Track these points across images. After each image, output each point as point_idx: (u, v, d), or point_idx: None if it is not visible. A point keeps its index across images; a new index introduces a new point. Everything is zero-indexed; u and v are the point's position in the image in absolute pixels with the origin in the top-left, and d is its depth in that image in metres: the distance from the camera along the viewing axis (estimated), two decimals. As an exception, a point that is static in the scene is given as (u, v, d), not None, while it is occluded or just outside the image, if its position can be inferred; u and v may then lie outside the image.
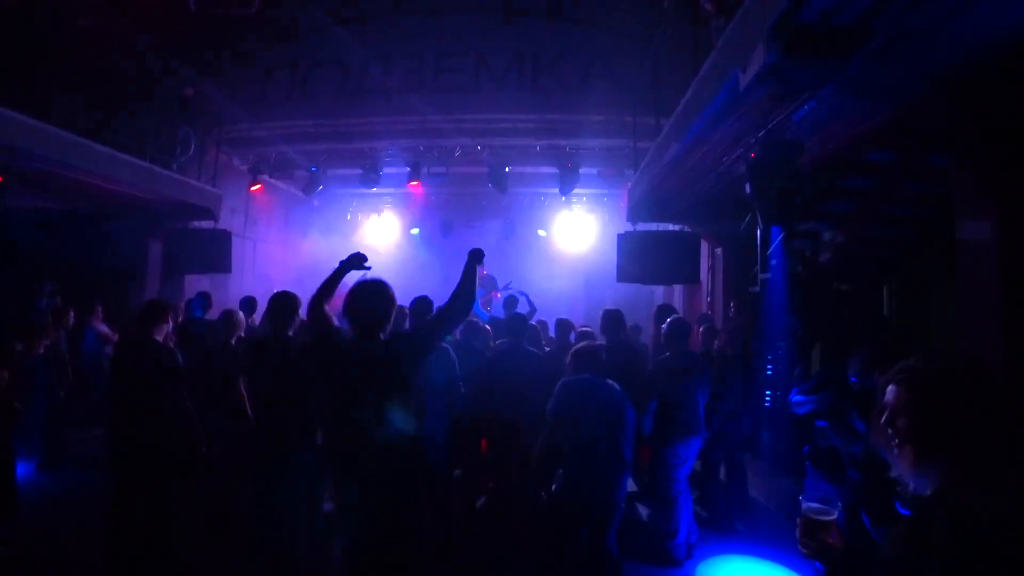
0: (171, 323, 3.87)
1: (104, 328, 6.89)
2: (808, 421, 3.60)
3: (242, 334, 4.78)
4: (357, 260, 2.95)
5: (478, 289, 9.39)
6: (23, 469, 5.04)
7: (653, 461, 4.42)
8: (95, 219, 6.61)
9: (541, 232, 12.30)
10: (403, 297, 11.29)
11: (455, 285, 2.80)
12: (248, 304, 5.78)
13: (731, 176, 4.97)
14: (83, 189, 5.93)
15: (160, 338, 3.63)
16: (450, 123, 8.34)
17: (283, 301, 3.65)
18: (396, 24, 8.29)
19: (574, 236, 11.70)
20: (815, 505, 1.46)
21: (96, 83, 5.67)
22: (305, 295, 2.96)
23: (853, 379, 3.33)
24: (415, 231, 12.86)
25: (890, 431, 1.26)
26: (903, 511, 1.87)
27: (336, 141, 8.79)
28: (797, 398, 3.57)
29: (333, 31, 8.22)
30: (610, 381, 3.33)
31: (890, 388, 1.29)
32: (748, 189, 3.81)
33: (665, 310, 5.43)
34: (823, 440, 3.46)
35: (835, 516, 1.46)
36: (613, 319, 4.86)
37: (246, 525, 3.67)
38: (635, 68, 7.50)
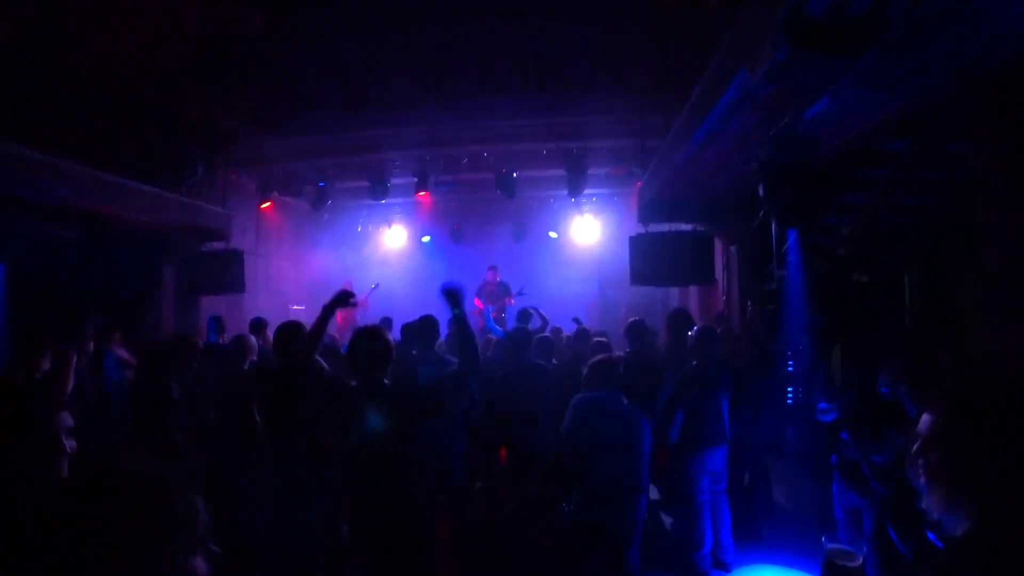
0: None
1: (124, 353, 6.95)
2: (835, 429, 3.47)
3: (255, 358, 4.78)
4: (342, 299, 2.94)
5: (492, 299, 9.29)
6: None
7: (673, 466, 4.32)
8: (108, 245, 6.65)
9: (552, 234, 12.21)
10: (416, 307, 11.22)
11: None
12: (258, 326, 5.76)
13: (743, 173, 4.83)
14: (93, 218, 5.98)
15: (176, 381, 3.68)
16: (456, 131, 8.29)
17: (287, 332, 3.64)
18: (397, 33, 8.25)
19: (586, 237, 11.58)
20: (839, 548, 1.37)
21: (101, 111, 5.70)
22: (318, 308, 2.93)
23: (884, 389, 3.20)
24: (426, 239, 12.84)
25: (921, 463, 1.16)
26: (932, 537, 1.76)
27: (343, 155, 8.79)
28: (823, 405, 3.45)
29: (335, 44, 8.21)
30: (625, 400, 3.23)
31: (925, 417, 1.20)
32: (761, 190, 3.68)
33: (678, 315, 5.30)
34: (848, 451, 3.33)
35: (860, 562, 1.36)
36: (635, 330, 4.78)
37: (262, 550, 3.65)
38: (641, 65, 7.38)
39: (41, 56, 4.91)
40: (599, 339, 5.34)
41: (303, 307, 11.37)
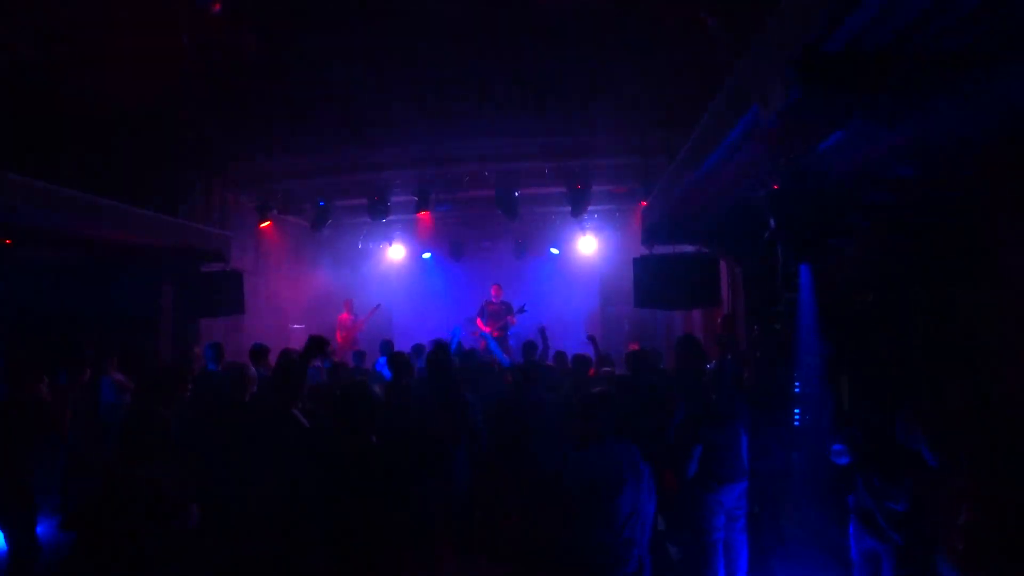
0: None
1: (121, 377, 6.84)
2: (850, 469, 3.37)
3: (254, 390, 4.67)
4: (316, 347, 2.88)
5: (494, 318, 9.17)
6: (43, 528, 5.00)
7: (686, 501, 4.21)
8: (106, 268, 6.56)
9: (554, 250, 12.12)
10: (416, 323, 11.12)
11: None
12: (259, 353, 5.65)
13: (750, 199, 4.75)
14: (90, 243, 5.90)
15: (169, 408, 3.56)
16: (456, 150, 8.24)
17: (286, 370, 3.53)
18: (396, 53, 8.20)
19: (587, 253, 11.51)
20: None
21: (97, 135, 5.64)
22: (318, 326, 2.85)
23: (899, 437, 3.10)
24: (426, 255, 12.77)
25: (950, 550, 1.07)
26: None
27: (342, 174, 8.72)
28: (837, 447, 3.34)
29: (332, 65, 8.16)
30: (627, 455, 2.98)
31: (965, 510, 1.10)
32: (772, 223, 3.59)
33: (688, 342, 5.19)
34: (865, 496, 3.23)
35: None
36: (637, 360, 4.68)
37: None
38: (641, 84, 7.32)
39: (36, 83, 4.84)
40: (605, 369, 5.22)
41: (302, 326, 11.27)
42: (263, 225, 9.09)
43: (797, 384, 5.67)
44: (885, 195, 4.56)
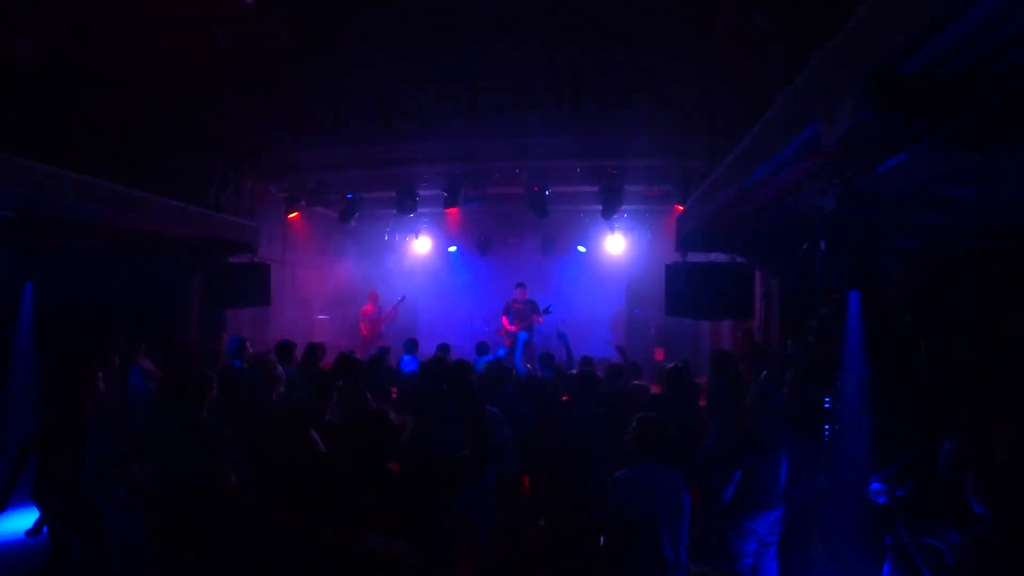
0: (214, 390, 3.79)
1: (149, 364, 6.93)
2: (889, 511, 3.16)
3: (283, 390, 4.64)
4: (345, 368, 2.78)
5: (519, 317, 9.03)
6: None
7: (719, 524, 4.07)
8: (135, 259, 6.62)
9: (581, 248, 11.92)
10: (442, 317, 11.08)
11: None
12: (285, 350, 5.62)
13: (795, 214, 4.52)
14: (120, 233, 5.93)
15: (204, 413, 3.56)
16: (487, 147, 8.08)
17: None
18: (431, 47, 8.07)
19: (615, 253, 11.29)
20: None
21: (130, 127, 5.65)
22: (342, 317, 2.76)
23: (941, 465, 2.90)
24: (453, 249, 12.69)
25: None
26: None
27: (371, 167, 8.65)
28: (876, 486, 3.14)
29: (365, 56, 8.07)
30: (673, 482, 2.95)
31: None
32: (823, 245, 3.37)
33: (723, 358, 5.01)
34: (903, 538, 3.02)
35: None
36: (678, 379, 4.52)
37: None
38: (683, 85, 7.06)
39: (70, 76, 4.85)
40: (638, 383, 5.05)
41: (327, 317, 11.33)
42: (291, 216, 9.10)
43: (827, 400, 5.44)
44: (938, 216, 4.28)
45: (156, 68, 5.42)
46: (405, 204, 8.93)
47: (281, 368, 4.79)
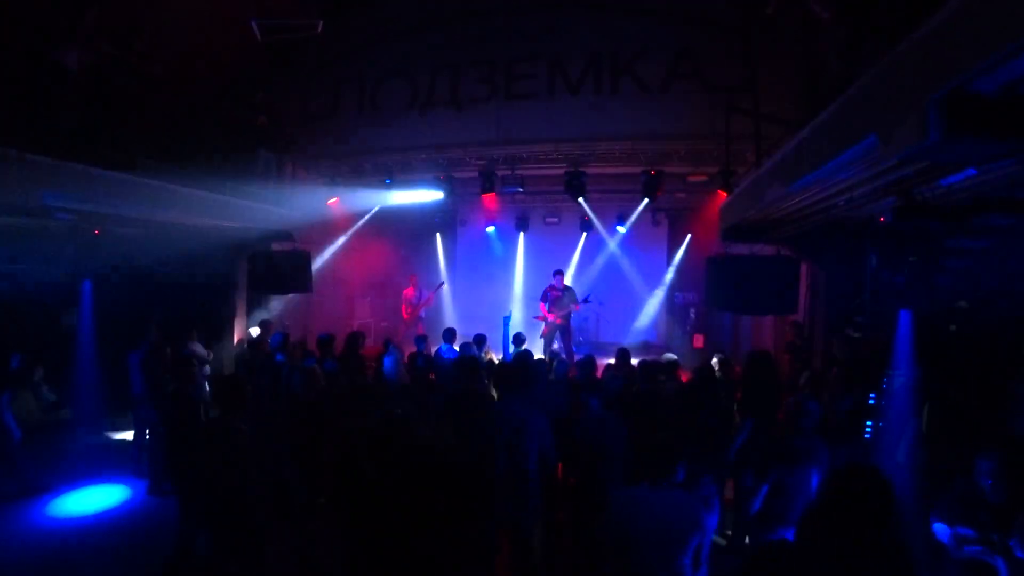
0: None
1: (201, 349, 7.25)
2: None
3: (322, 383, 4.78)
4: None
5: (557, 305, 8.93)
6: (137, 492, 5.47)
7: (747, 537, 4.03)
8: (183, 250, 6.85)
9: (620, 229, 11.67)
10: (479, 300, 11.06)
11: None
12: (325, 344, 5.77)
13: (844, 216, 4.28)
14: (169, 227, 6.13)
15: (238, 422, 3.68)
16: (524, 130, 7.93)
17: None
18: (464, 29, 7.90)
19: (656, 235, 11.03)
20: None
21: (171, 125, 5.77)
22: (382, 300, 2.71)
23: (986, 480, 2.76)
24: (491, 229, 12.65)
25: None
26: None
27: (408, 153, 8.63)
28: (940, 526, 2.98)
29: (399, 41, 7.97)
30: (689, 506, 2.85)
31: None
32: (873, 261, 3.18)
33: (761, 362, 4.85)
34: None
35: None
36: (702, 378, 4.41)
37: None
38: (727, 66, 6.71)
39: (115, 79, 4.96)
40: (669, 357, 4.89)
41: (367, 299, 11.54)
42: (331, 201, 9.21)
43: (872, 396, 5.24)
44: (1002, 218, 3.97)
45: (195, 65, 5.49)
46: (443, 187, 8.90)
47: (319, 369, 4.90)
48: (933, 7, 2.15)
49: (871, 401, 5.25)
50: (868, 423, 5.25)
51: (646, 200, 8.67)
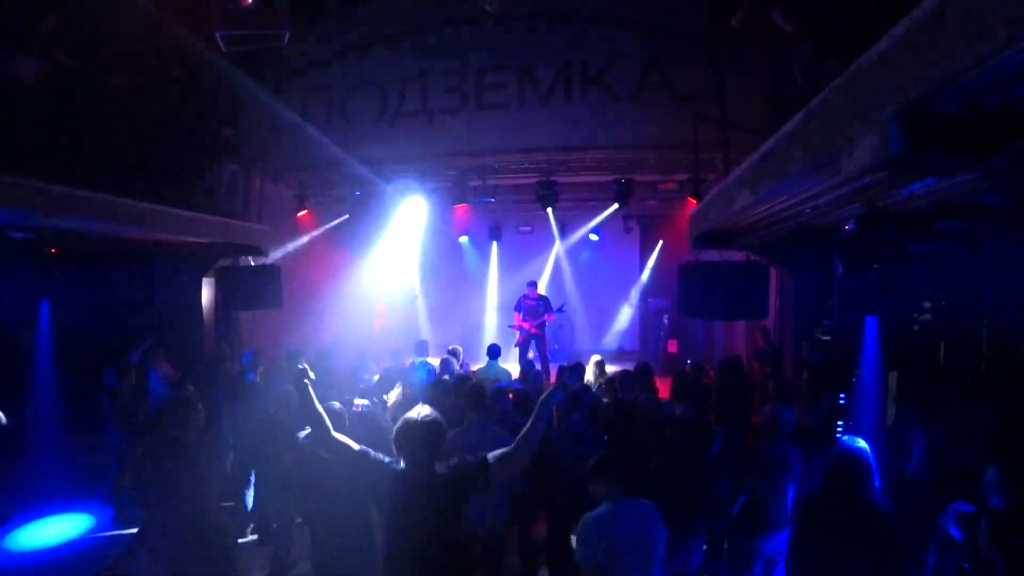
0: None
1: (167, 368, 7.02)
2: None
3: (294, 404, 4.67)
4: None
5: (531, 314, 8.88)
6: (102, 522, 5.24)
7: (724, 544, 4.06)
8: (147, 268, 6.65)
9: (593, 236, 11.78)
10: (453, 311, 11.01)
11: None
12: (294, 360, 5.63)
13: (811, 223, 4.39)
14: (131, 245, 5.93)
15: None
16: (495, 140, 7.94)
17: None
18: (434, 39, 7.88)
19: (628, 242, 11.15)
20: None
21: (133, 138, 5.59)
22: (354, 314, 2.66)
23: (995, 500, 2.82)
24: (464, 239, 12.61)
25: None
26: None
27: (378, 164, 8.54)
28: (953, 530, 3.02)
29: (368, 52, 7.91)
30: (645, 516, 2.89)
31: None
32: (839, 269, 3.25)
33: (732, 367, 4.93)
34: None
35: None
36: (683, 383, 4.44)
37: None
38: (695, 76, 6.84)
39: (73, 91, 4.78)
40: (646, 398, 4.89)
41: (338, 312, 11.37)
42: (300, 214, 9.06)
43: (842, 397, 5.36)
44: (962, 223, 4.12)
45: (158, 76, 5.33)
46: (415, 199, 8.85)
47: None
48: (894, 23, 2.22)
49: (841, 402, 5.39)
50: (839, 423, 5.38)
51: (615, 205, 8.73)
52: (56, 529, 5.20)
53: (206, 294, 7.77)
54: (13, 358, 5.96)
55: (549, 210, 9.27)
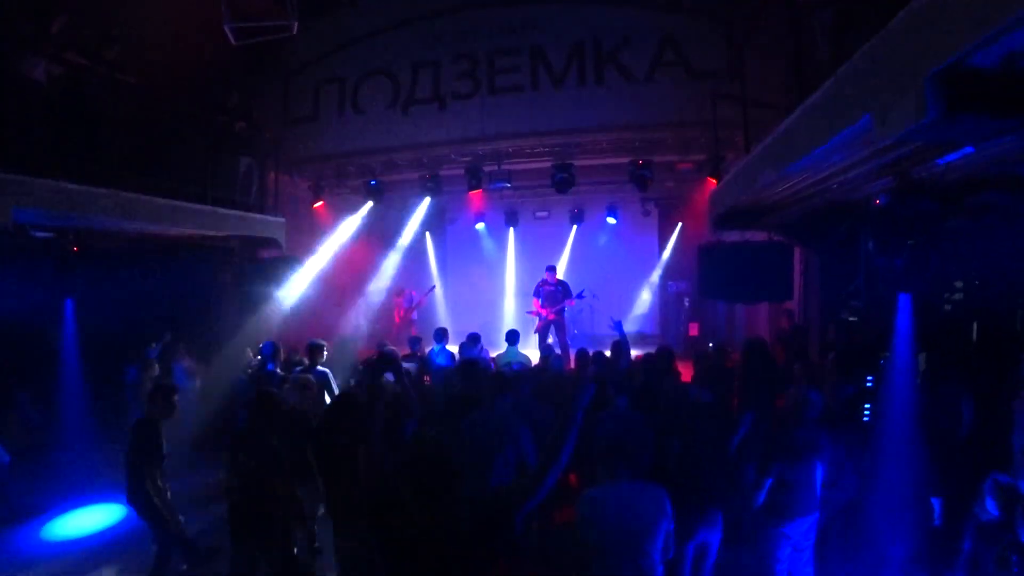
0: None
1: (190, 362, 7.13)
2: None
3: (314, 392, 4.69)
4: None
5: (550, 300, 8.77)
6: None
7: (752, 530, 3.96)
8: (167, 263, 6.71)
9: (610, 220, 11.60)
10: (472, 299, 10.93)
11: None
12: (314, 351, 5.66)
13: (838, 199, 4.22)
14: (151, 240, 5.99)
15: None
16: (509, 125, 7.83)
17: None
18: (445, 24, 7.77)
19: (647, 225, 10.98)
20: None
21: (148, 135, 5.61)
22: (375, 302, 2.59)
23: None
24: (480, 226, 12.54)
25: None
26: None
27: (392, 152, 8.50)
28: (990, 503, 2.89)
29: (379, 40, 7.83)
30: (652, 499, 2.76)
31: None
32: (870, 246, 3.11)
33: (757, 350, 4.79)
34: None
35: None
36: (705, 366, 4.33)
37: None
38: (711, 53, 6.63)
39: (87, 90, 4.81)
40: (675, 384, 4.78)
41: (357, 304, 11.42)
42: (316, 205, 9.08)
43: (870, 379, 5.20)
44: (1001, 196, 3.92)
45: (169, 72, 5.33)
46: (429, 185, 8.79)
47: (313, 378, 4.81)
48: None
49: (869, 384, 5.22)
50: (867, 406, 5.23)
51: (638, 190, 8.53)
52: (89, 520, 5.32)
53: (226, 287, 7.83)
54: (41, 356, 6.09)
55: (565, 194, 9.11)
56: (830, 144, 2.90)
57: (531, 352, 7.29)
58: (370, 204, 9.33)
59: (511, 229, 12.37)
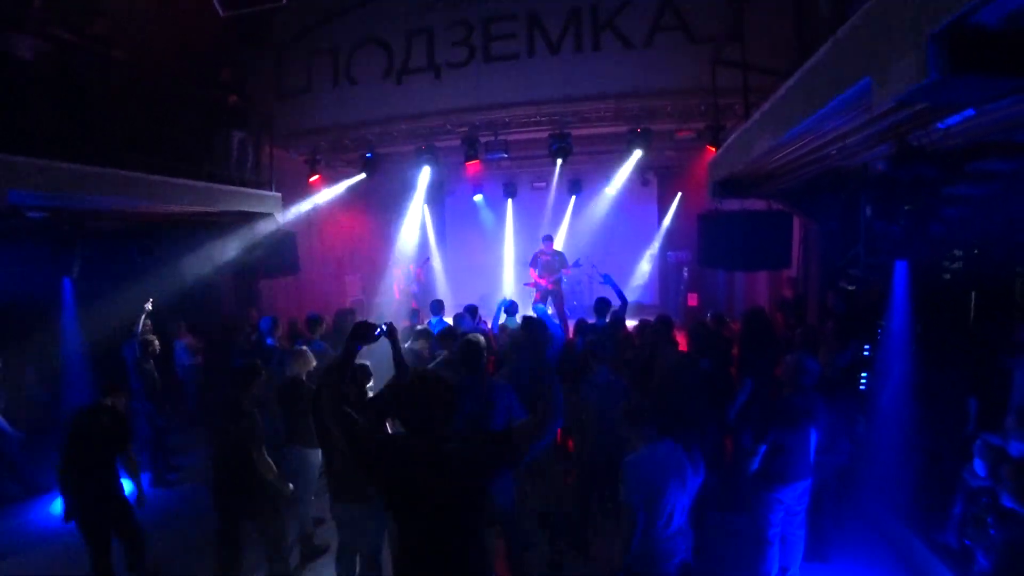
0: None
1: (190, 339, 7.17)
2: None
3: (314, 364, 4.71)
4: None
5: (547, 270, 8.77)
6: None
7: (745, 495, 4.05)
8: (164, 240, 6.69)
9: (609, 190, 11.51)
10: (468, 271, 10.93)
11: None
12: (314, 324, 5.69)
13: (837, 166, 4.17)
14: (147, 218, 5.95)
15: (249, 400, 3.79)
16: (505, 94, 7.69)
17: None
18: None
19: (646, 194, 10.89)
20: None
21: (140, 111, 5.52)
22: (374, 273, 2.67)
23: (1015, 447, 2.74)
24: (478, 197, 12.46)
25: None
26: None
27: (388, 124, 8.37)
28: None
29: (371, 9, 7.63)
30: (674, 456, 2.95)
31: None
32: (868, 211, 3.08)
33: (757, 318, 4.81)
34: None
35: None
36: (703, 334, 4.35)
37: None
38: (712, 16, 6.47)
39: (74, 68, 4.70)
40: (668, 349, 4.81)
41: (356, 276, 11.42)
42: (313, 179, 8.99)
43: (867, 348, 5.23)
44: (1001, 162, 3.87)
45: (160, 47, 5.21)
46: (425, 157, 8.69)
47: (308, 351, 4.81)
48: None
49: (866, 353, 5.26)
50: (863, 374, 5.27)
51: (637, 153, 8.35)
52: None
53: (224, 263, 7.81)
54: (43, 336, 6.13)
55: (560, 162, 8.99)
56: (829, 107, 2.85)
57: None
58: (362, 175, 9.22)
59: (509, 200, 12.30)
